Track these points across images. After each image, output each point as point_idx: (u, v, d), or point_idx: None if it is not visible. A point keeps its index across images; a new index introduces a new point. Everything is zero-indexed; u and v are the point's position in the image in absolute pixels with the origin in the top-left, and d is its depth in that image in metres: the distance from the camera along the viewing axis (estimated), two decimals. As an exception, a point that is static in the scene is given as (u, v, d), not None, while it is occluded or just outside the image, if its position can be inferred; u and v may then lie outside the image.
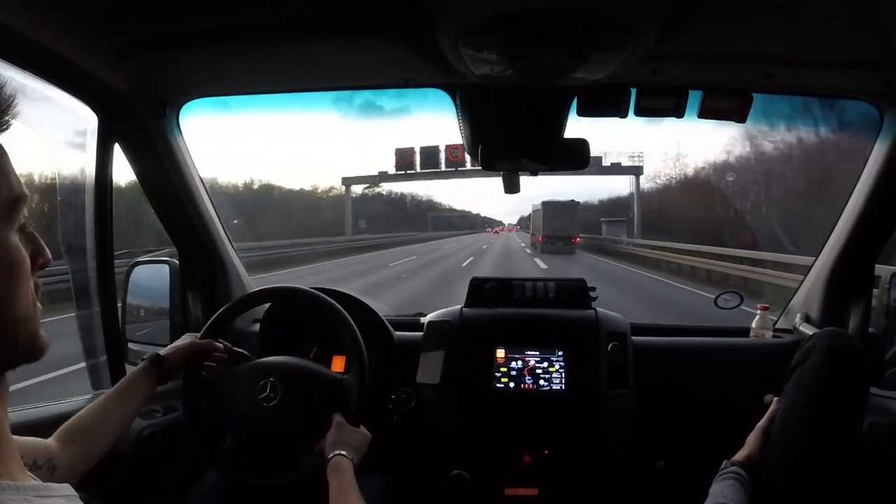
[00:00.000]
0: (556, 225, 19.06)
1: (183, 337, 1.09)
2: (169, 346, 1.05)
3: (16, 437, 0.57)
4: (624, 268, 13.47)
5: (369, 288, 8.69)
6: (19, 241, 0.44)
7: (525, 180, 1.38)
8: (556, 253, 17.89)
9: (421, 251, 20.43)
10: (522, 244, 25.81)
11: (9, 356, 0.43)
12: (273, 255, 12.90)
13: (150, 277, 1.39)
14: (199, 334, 1.10)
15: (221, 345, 1.11)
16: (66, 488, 0.45)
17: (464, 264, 14.54)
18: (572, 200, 20.22)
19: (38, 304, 0.46)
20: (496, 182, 1.38)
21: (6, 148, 0.44)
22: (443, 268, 13.59)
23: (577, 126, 1.22)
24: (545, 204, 19.73)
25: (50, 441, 0.81)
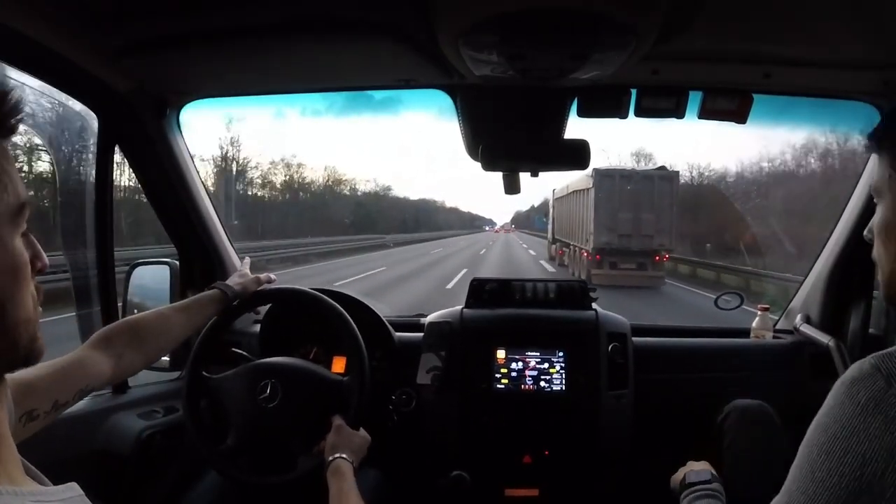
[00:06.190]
0: (628, 221, 9.21)
1: (242, 271, 1.17)
2: (235, 279, 1.13)
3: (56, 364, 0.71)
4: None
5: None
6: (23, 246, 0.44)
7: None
8: (624, 285, 8.72)
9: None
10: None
11: (9, 358, 0.43)
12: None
13: (151, 278, 1.38)
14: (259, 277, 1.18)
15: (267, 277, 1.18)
16: (67, 491, 0.45)
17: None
18: (662, 167, 10.25)
19: (38, 308, 0.46)
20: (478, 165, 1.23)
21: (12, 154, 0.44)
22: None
23: (578, 126, 1.21)
24: (602, 176, 9.46)
25: (86, 357, 0.81)
